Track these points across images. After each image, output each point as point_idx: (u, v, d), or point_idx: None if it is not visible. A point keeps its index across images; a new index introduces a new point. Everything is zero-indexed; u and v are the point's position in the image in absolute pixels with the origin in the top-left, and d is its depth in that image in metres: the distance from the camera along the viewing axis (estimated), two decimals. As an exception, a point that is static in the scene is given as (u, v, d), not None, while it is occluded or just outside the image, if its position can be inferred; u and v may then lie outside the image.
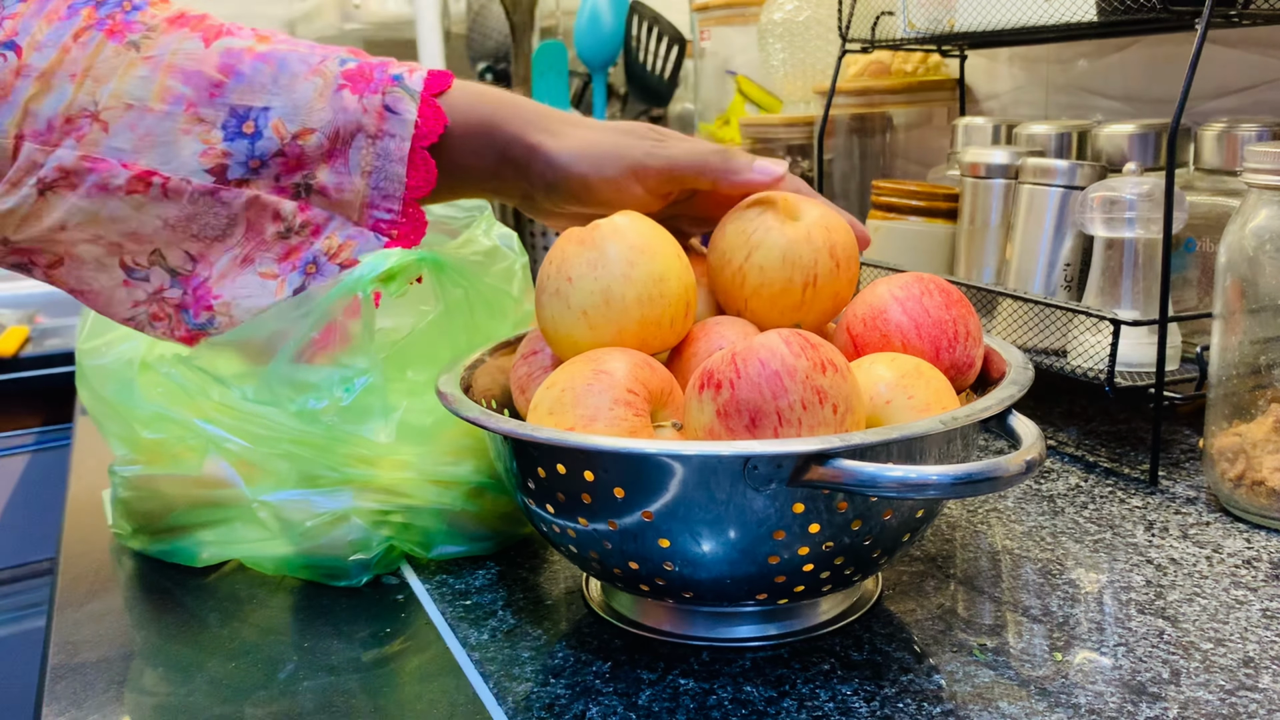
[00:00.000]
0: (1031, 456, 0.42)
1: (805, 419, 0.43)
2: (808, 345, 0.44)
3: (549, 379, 0.49)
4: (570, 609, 0.53)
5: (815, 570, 0.45)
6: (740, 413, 0.43)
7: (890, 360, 0.50)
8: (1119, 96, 0.97)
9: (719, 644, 0.49)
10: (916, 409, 0.47)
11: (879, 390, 0.48)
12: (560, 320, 0.51)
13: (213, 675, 0.49)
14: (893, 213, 0.91)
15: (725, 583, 0.46)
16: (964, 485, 0.41)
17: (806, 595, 0.48)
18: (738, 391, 0.44)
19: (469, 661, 0.49)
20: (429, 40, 1.48)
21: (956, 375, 0.52)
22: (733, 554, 0.44)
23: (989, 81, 1.11)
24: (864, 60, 1.14)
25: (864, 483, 0.41)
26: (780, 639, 0.49)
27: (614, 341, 0.50)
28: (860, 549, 0.46)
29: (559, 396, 0.47)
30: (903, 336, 0.52)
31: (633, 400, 0.47)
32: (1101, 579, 0.55)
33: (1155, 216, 0.68)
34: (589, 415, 0.46)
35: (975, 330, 0.53)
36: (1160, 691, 0.44)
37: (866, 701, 0.44)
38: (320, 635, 0.52)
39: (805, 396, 0.43)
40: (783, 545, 0.44)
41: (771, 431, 0.43)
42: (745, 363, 0.44)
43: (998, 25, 0.81)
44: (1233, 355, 0.61)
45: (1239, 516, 0.61)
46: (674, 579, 0.46)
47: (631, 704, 0.45)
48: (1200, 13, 0.63)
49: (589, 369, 0.48)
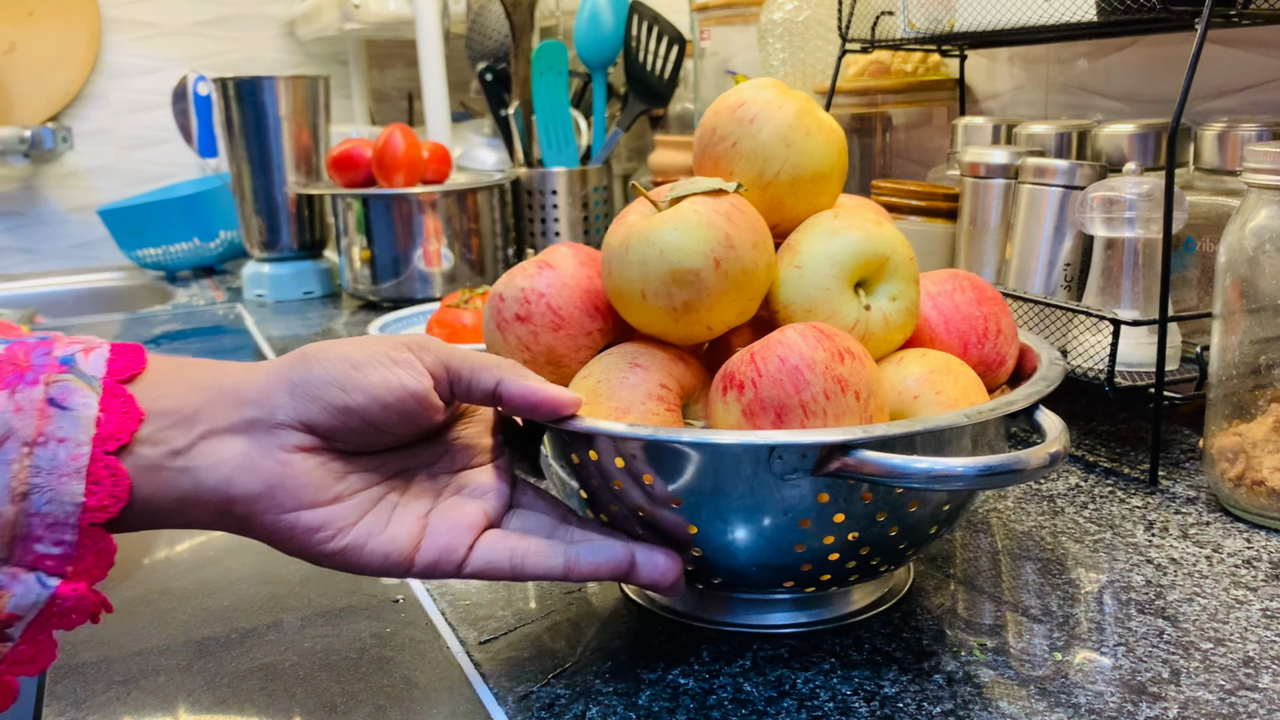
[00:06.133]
0: (1055, 449, 0.43)
1: (830, 408, 0.44)
2: (823, 336, 0.45)
3: (584, 369, 0.50)
4: (570, 609, 0.53)
5: (841, 560, 0.46)
6: (765, 410, 0.44)
7: (921, 356, 0.50)
8: (1119, 96, 0.97)
9: (753, 630, 0.50)
10: (944, 404, 0.48)
11: (908, 386, 0.49)
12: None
13: (211, 675, 0.49)
14: (893, 212, 0.91)
15: (752, 570, 0.47)
16: (988, 477, 0.42)
17: (834, 584, 0.48)
18: (760, 389, 0.44)
19: (469, 661, 0.49)
20: (429, 40, 1.48)
21: (987, 371, 0.53)
22: (759, 542, 0.45)
23: (989, 81, 1.11)
24: (864, 60, 1.14)
25: (889, 473, 0.42)
26: (811, 625, 0.50)
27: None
28: (886, 540, 0.46)
29: (594, 387, 0.48)
30: (931, 331, 0.53)
31: (665, 395, 0.48)
32: (1101, 579, 0.55)
33: (1155, 216, 0.68)
34: (622, 407, 0.47)
35: (1008, 328, 0.53)
36: (1160, 691, 0.44)
37: (866, 701, 0.44)
38: (320, 635, 0.52)
39: (827, 386, 0.44)
40: (808, 534, 0.45)
41: (798, 424, 0.44)
42: (764, 360, 0.45)
43: (997, 25, 0.81)
44: (1233, 355, 0.61)
45: (1239, 516, 0.61)
46: (702, 565, 0.47)
47: (631, 704, 0.45)
48: (1200, 13, 0.63)
49: (625, 362, 0.49)
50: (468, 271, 1.35)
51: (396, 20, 1.60)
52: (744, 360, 0.45)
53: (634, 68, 1.41)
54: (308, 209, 1.48)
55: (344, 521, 0.42)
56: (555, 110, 1.41)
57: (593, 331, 0.52)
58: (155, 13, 2.02)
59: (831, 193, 0.54)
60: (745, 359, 0.45)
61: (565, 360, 0.52)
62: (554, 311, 0.51)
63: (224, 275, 1.72)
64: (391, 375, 0.42)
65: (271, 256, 1.48)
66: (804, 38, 1.17)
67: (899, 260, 0.50)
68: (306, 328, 1.27)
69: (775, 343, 0.45)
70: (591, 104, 1.47)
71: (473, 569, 0.43)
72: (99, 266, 1.89)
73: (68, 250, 1.99)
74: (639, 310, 0.49)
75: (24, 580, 0.37)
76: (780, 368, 0.44)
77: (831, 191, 0.53)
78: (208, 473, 0.40)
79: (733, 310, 0.49)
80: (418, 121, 2.04)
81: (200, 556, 0.62)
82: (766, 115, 0.52)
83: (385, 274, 1.33)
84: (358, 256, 1.34)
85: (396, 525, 0.43)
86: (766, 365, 0.44)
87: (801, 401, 0.44)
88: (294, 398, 0.41)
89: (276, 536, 0.42)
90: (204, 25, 2.06)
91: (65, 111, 1.98)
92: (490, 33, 1.52)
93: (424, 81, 1.50)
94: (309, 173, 1.47)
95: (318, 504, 0.41)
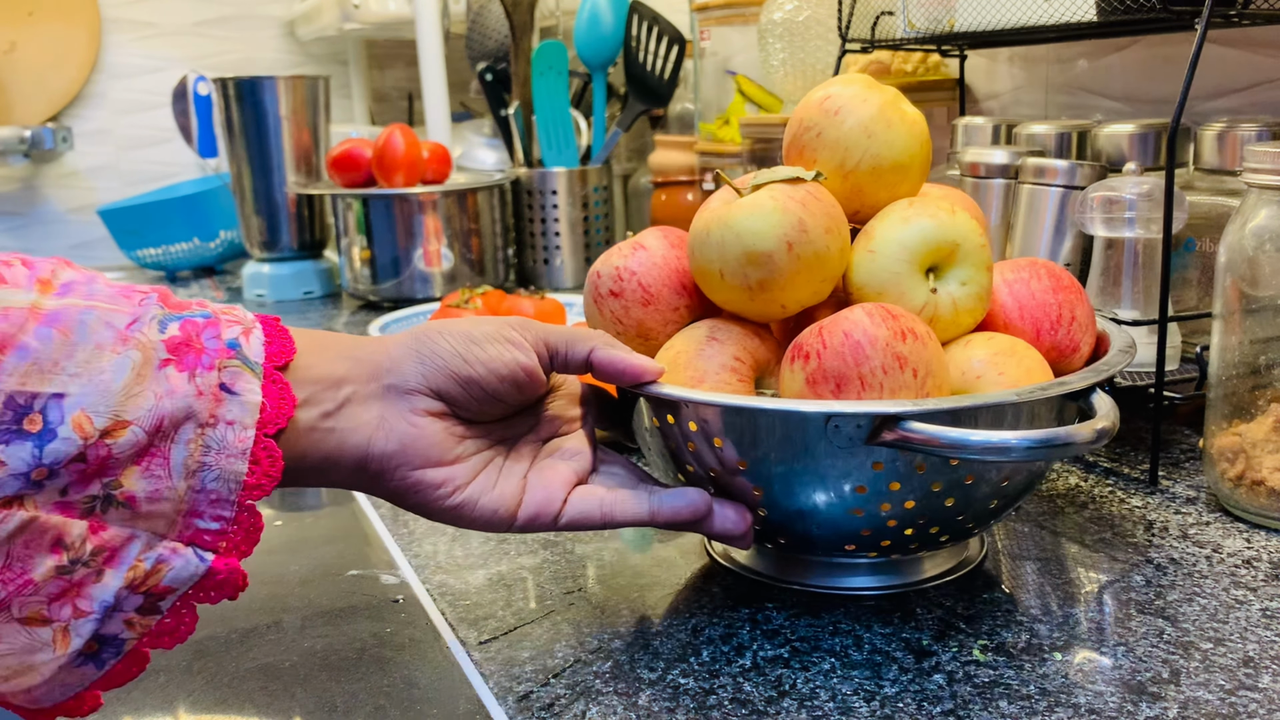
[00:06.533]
0: (1102, 425, 0.45)
1: (886, 382, 0.47)
2: (889, 316, 0.48)
3: (669, 343, 0.54)
4: (571, 609, 0.53)
5: (899, 527, 0.49)
6: (827, 379, 0.47)
7: (988, 339, 0.52)
8: (1119, 96, 0.97)
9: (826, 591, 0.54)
10: (1005, 385, 0.50)
11: (972, 366, 0.51)
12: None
13: (211, 675, 0.49)
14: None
15: (812, 531, 0.50)
16: (1038, 449, 0.44)
17: (895, 550, 0.51)
18: (824, 360, 0.48)
19: (469, 661, 0.49)
20: (429, 40, 1.48)
21: (1060, 357, 0.54)
22: (816, 505, 0.49)
23: (989, 81, 1.11)
24: (864, 60, 1.14)
25: (939, 444, 0.44)
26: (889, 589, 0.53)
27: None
28: (943, 511, 0.49)
29: (674, 358, 0.53)
30: (1005, 316, 0.55)
31: (738, 367, 0.52)
32: (1101, 579, 0.55)
33: (1155, 216, 0.68)
34: (697, 376, 0.51)
35: (1083, 316, 0.55)
36: (1160, 691, 0.44)
37: (866, 701, 0.44)
38: (320, 635, 0.52)
39: (885, 362, 0.47)
40: (865, 500, 0.48)
41: (855, 395, 0.47)
42: (830, 334, 0.48)
43: (997, 25, 0.81)
44: (1232, 355, 0.61)
45: (1239, 516, 0.61)
46: (769, 525, 0.51)
47: (631, 704, 0.45)
48: (1200, 13, 0.63)
49: (704, 335, 0.53)
50: (468, 271, 1.35)
51: (396, 20, 1.60)
52: (812, 333, 0.49)
53: (634, 68, 1.41)
54: (308, 209, 1.48)
55: (461, 480, 0.46)
56: (555, 110, 1.41)
57: (679, 307, 0.55)
58: (155, 13, 2.02)
59: (912, 182, 0.56)
60: (814, 332, 0.49)
61: (654, 333, 0.56)
62: (644, 289, 0.55)
63: (224, 275, 1.72)
64: (505, 351, 0.47)
65: (272, 256, 1.48)
66: (804, 38, 1.17)
67: (970, 247, 0.52)
68: (307, 328, 1.27)
69: (842, 319, 0.48)
70: (591, 104, 1.47)
71: (568, 519, 0.48)
72: (99, 266, 1.89)
73: (67, 250, 1.99)
74: (718, 289, 0.53)
75: (183, 554, 0.40)
76: (844, 342, 0.47)
77: (912, 181, 0.56)
78: (351, 433, 0.44)
79: (806, 290, 0.52)
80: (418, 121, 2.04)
81: (200, 556, 0.62)
82: (850, 108, 0.55)
83: (385, 274, 1.33)
84: (358, 256, 1.34)
85: (503, 484, 0.47)
86: (831, 339, 0.48)
87: (860, 374, 0.47)
88: (423, 367, 0.46)
89: (403, 490, 0.46)
90: (204, 25, 2.06)
91: (65, 111, 1.98)
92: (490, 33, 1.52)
93: (424, 81, 1.50)
94: (309, 173, 1.47)
95: (441, 463, 0.46)
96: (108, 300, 0.40)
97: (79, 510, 0.38)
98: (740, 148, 1.25)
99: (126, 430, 0.38)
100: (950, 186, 0.61)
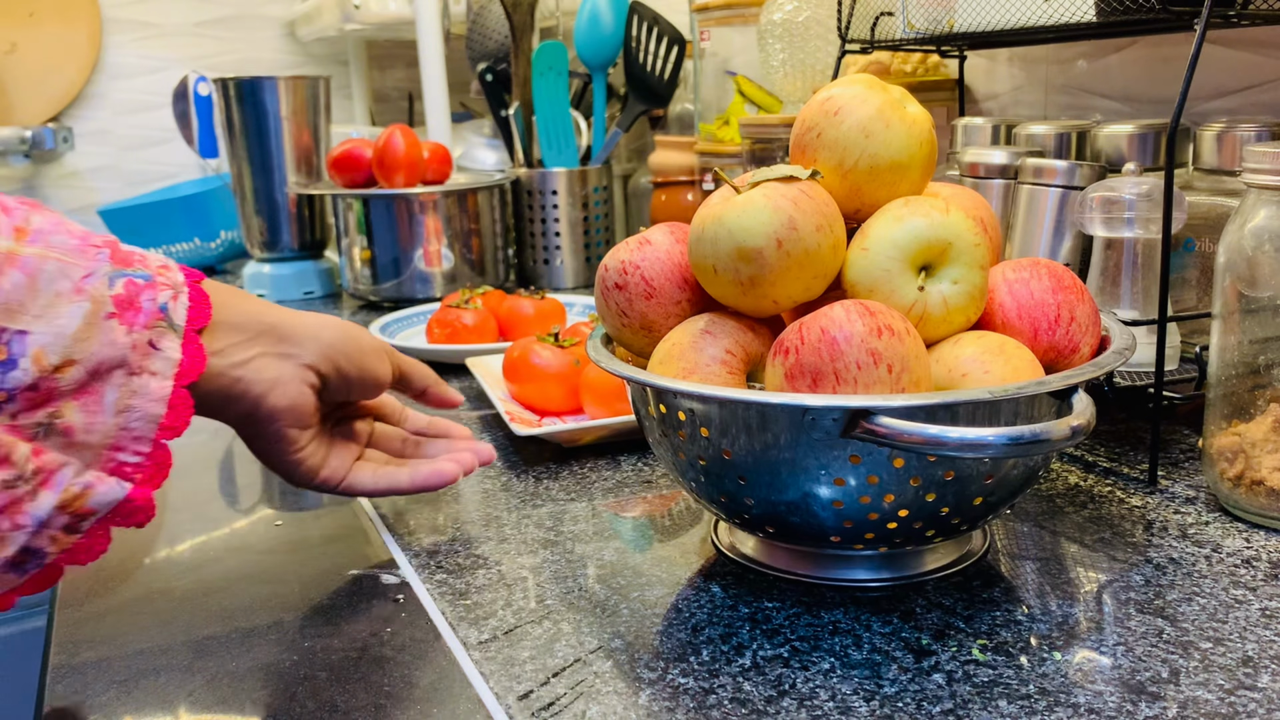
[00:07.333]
0: (1076, 423, 0.45)
1: (860, 378, 0.48)
2: (866, 312, 0.49)
3: (668, 335, 0.55)
4: (571, 609, 0.53)
5: (881, 521, 0.50)
6: (804, 374, 0.48)
7: (978, 338, 0.53)
8: (1118, 96, 0.97)
9: (825, 582, 0.55)
10: (991, 383, 0.50)
11: (960, 364, 0.51)
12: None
13: (212, 675, 0.49)
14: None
15: (794, 521, 0.51)
16: (1012, 446, 0.44)
17: (880, 544, 0.52)
18: (801, 355, 0.49)
19: (469, 661, 0.49)
20: (429, 41, 1.48)
21: (1059, 358, 0.54)
22: (796, 496, 0.50)
23: (988, 82, 1.11)
24: (864, 60, 1.14)
25: (908, 438, 0.45)
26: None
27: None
28: (925, 506, 0.49)
29: (669, 350, 0.54)
30: (1003, 315, 0.55)
31: (729, 360, 0.53)
32: (1101, 579, 0.55)
33: (1154, 216, 0.68)
34: (689, 368, 0.53)
35: (1084, 316, 0.55)
36: (1159, 691, 0.44)
37: (866, 701, 0.44)
38: (320, 635, 0.52)
39: (860, 358, 0.48)
40: (845, 493, 0.49)
41: (830, 389, 0.48)
42: (808, 330, 0.49)
43: (997, 25, 0.81)
44: (1231, 355, 0.61)
45: (1238, 516, 0.61)
46: (755, 514, 0.52)
47: (631, 703, 0.45)
48: (1199, 13, 0.63)
49: (698, 329, 0.54)
50: (468, 271, 1.35)
51: (397, 21, 1.60)
52: (794, 329, 0.50)
53: (634, 68, 1.41)
54: (308, 209, 1.48)
55: (305, 442, 0.57)
56: (555, 110, 1.41)
57: (681, 301, 0.57)
58: (155, 13, 2.02)
59: (912, 181, 0.56)
60: (795, 328, 0.50)
61: (656, 326, 0.57)
62: (647, 282, 0.57)
63: (225, 275, 1.72)
64: (379, 364, 0.61)
65: (272, 257, 1.48)
66: (804, 38, 1.17)
67: (963, 246, 0.52)
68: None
69: (821, 315, 0.49)
70: (591, 104, 1.47)
71: (346, 484, 0.60)
72: (99, 267, 1.88)
73: (68, 250, 1.99)
74: (713, 284, 0.54)
75: (107, 482, 0.47)
76: (820, 338, 0.48)
77: (912, 180, 0.56)
78: (253, 385, 0.54)
79: (797, 286, 0.52)
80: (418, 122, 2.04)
81: (200, 556, 0.62)
82: (850, 108, 0.55)
83: (386, 274, 1.33)
84: (358, 257, 1.34)
85: (320, 451, 0.58)
86: (809, 335, 0.49)
87: (835, 369, 0.48)
88: (320, 350, 0.57)
89: (268, 437, 0.56)
90: (204, 25, 2.06)
91: (66, 112, 1.98)
92: (490, 33, 1.52)
93: (424, 82, 1.50)
94: (309, 173, 1.47)
95: (304, 426, 0.56)
96: (68, 253, 0.48)
97: (25, 434, 0.45)
98: (740, 148, 1.25)
99: (73, 368, 0.46)
100: (960, 186, 0.62)
